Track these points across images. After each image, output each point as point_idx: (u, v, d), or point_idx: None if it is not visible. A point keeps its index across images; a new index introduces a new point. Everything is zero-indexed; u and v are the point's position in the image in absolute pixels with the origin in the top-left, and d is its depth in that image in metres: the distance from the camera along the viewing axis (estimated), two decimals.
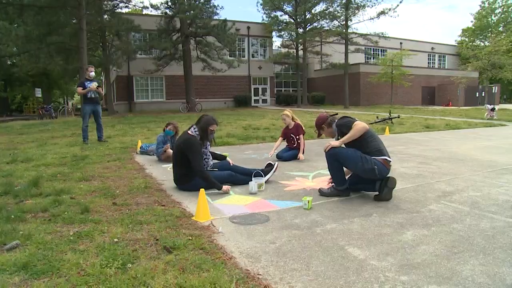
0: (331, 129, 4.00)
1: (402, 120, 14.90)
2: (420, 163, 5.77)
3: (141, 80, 29.48)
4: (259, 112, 23.11)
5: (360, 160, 3.59)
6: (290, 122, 6.17)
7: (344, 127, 3.75)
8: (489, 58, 32.95)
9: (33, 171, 5.17)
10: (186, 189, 4.15)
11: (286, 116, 6.19)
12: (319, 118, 4.10)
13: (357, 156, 3.61)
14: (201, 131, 4.28)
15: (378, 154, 3.62)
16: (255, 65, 34.16)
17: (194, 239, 2.68)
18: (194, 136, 4.22)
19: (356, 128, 3.65)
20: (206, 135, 4.33)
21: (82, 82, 8.60)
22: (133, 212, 3.30)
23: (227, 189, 4.05)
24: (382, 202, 3.62)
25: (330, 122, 4.00)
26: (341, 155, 3.68)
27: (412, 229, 2.89)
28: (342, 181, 3.82)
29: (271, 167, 4.69)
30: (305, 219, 3.17)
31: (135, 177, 4.88)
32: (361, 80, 33.26)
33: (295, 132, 6.20)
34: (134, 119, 17.45)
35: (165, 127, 6.52)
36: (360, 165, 3.60)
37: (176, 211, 3.36)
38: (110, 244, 2.58)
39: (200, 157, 4.12)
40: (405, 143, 8.24)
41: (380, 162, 3.59)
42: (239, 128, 12.18)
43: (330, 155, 3.75)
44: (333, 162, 3.76)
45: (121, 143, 8.47)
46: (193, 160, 4.05)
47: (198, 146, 4.17)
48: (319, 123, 4.07)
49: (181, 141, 4.22)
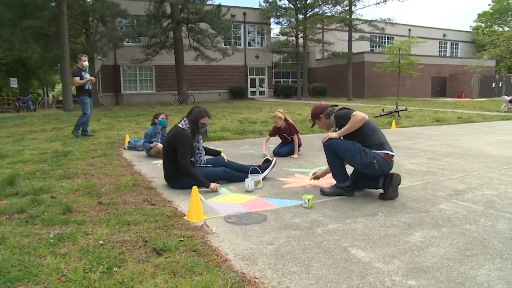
0: (329, 121, 3.98)
1: (410, 113, 14.93)
2: (430, 159, 5.78)
3: (129, 70, 29.36)
4: (256, 105, 23.09)
5: (359, 153, 3.58)
6: (282, 124, 6.19)
7: (343, 118, 3.75)
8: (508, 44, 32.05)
9: (8, 169, 5.12)
10: (178, 187, 4.14)
11: (278, 119, 6.19)
12: (317, 107, 4.05)
13: (355, 148, 3.60)
14: (192, 124, 4.27)
15: (378, 147, 3.61)
16: (252, 54, 34.08)
17: (186, 241, 2.67)
18: (184, 129, 4.21)
19: (354, 119, 3.64)
20: (197, 129, 4.32)
21: (78, 72, 8.57)
22: (120, 212, 3.29)
23: (215, 187, 4.04)
24: (388, 201, 3.63)
25: (329, 112, 3.95)
26: (339, 147, 3.68)
27: (420, 229, 2.89)
28: (343, 177, 3.81)
29: (269, 163, 4.69)
30: (305, 218, 3.17)
31: (122, 174, 4.87)
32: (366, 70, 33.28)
33: (288, 132, 6.25)
34: (121, 112, 17.38)
35: (155, 118, 6.49)
36: (359, 158, 3.59)
37: (167, 210, 3.35)
38: (95, 246, 2.57)
39: (187, 153, 4.11)
40: (413, 138, 8.26)
41: (381, 156, 3.58)
42: (234, 122, 12.15)
43: (328, 147, 3.76)
44: (331, 155, 3.76)
45: (107, 138, 8.43)
46: (180, 155, 4.05)
47: (188, 140, 4.16)
48: (317, 112, 4.01)
49: (171, 135, 4.21)
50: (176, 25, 24.02)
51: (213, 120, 12.82)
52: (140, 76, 29.83)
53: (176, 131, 4.20)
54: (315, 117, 4.04)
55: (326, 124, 4.02)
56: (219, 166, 4.47)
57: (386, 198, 3.64)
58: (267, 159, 4.84)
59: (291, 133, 6.21)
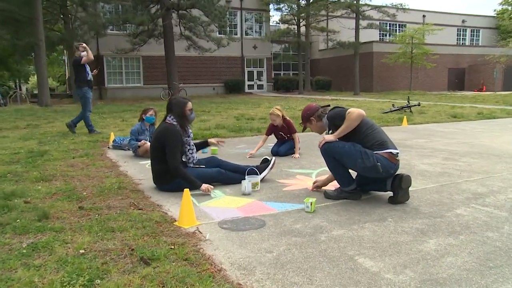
0: (321, 123, 3.97)
1: (423, 108, 14.96)
2: (445, 159, 5.79)
3: (113, 61, 29.31)
4: (254, 100, 23.09)
5: (360, 156, 3.56)
6: (280, 122, 6.21)
7: (337, 118, 3.72)
8: None
9: None
10: (168, 189, 4.15)
11: (276, 116, 6.20)
12: (308, 108, 4.05)
13: (356, 151, 3.58)
14: (179, 118, 4.27)
15: (380, 147, 3.60)
16: (249, 44, 34.08)
17: (176, 248, 2.67)
18: (173, 124, 4.22)
19: (350, 117, 3.61)
20: (187, 119, 4.33)
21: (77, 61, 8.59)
22: (104, 218, 3.29)
23: (206, 189, 4.04)
24: (398, 205, 3.63)
25: (320, 114, 3.95)
26: (337, 151, 3.66)
27: (435, 237, 2.89)
28: (347, 180, 3.81)
29: (267, 163, 4.70)
30: (308, 224, 3.17)
31: (106, 176, 4.86)
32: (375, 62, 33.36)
33: (286, 131, 6.27)
34: (105, 108, 17.36)
35: (143, 114, 6.48)
36: (360, 162, 3.57)
37: (156, 215, 3.35)
38: (75, 256, 2.56)
39: (177, 151, 4.13)
40: (427, 136, 8.27)
41: (384, 157, 3.56)
42: (230, 118, 12.15)
43: (325, 152, 3.75)
44: (330, 160, 3.76)
45: (89, 136, 8.42)
46: (169, 153, 4.06)
47: (178, 136, 4.17)
48: (307, 115, 4.00)
49: (159, 131, 4.22)
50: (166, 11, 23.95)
51: (207, 116, 12.83)
52: (126, 68, 29.79)
53: (164, 126, 4.20)
54: (306, 120, 4.04)
55: (319, 127, 4.03)
56: (213, 166, 4.47)
57: (396, 202, 3.65)
58: (265, 159, 4.84)
59: (290, 131, 6.23)
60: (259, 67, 35.31)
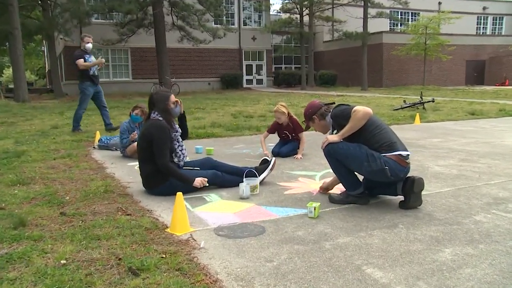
0: (324, 122, 3.99)
1: (438, 104, 14.98)
2: (462, 160, 5.80)
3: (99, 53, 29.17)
4: (253, 96, 23.10)
5: (366, 159, 3.55)
6: (285, 120, 6.21)
7: (342, 117, 3.71)
8: None
9: None
10: (159, 193, 4.15)
11: (281, 114, 6.18)
12: (310, 106, 4.07)
13: (361, 153, 3.57)
14: (163, 113, 4.27)
15: (388, 149, 3.58)
16: (248, 35, 34.10)
17: (168, 258, 2.67)
18: (159, 120, 4.23)
19: (355, 116, 3.58)
20: (171, 113, 4.35)
21: (81, 55, 8.58)
22: (88, 225, 3.28)
23: (200, 183, 4.07)
24: (410, 210, 3.63)
25: (324, 113, 3.96)
26: (341, 153, 3.65)
27: (451, 246, 2.88)
28: (353, 183, 3.80)
29: (267, 164, 4.70)
30: (311, 230, 3.18)
31: (91, 178, 4.86)
32: (384, 54, 33.41)
33: (291, 130, 6.26)
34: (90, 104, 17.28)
35: (131, 111, 6.48)
36: (366, 165, 3.56)
37: (146, 221, 3.35)
38: (55, 268, 2.54)
39: (166, 147, 4.15)
40: (442, 135, 8.28)
41: (393, 160, 3.54)
42: (227, 116, 12.15)
43: (328, 153, 3.75)
44: (334, 162, 3.77)
45: (72, 135, 8.42)
46: (157, 150, 4.07)
47: (166, 131, 4.19)
48: (309, 113, 4.03)
49: (145, 129, 4.21)
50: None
51: (201, 114, 12.83)
52: (113, 61, 29.79)
53: (150, 123, 4.21)
54: (308, 119, 4.07)
55: (322, 126, 4.04)
56: (208, 168, 4.47)
57: (408, 207, 3.65)
58: (264, 160, 4.85)
59: (296, 131, 6.21)
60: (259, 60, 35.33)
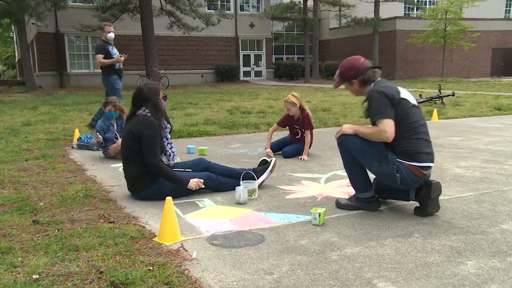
0: (363, 90, 3.74)
1: (459, 99, 15.00)
2: (486, 161, 5.80)
3: (77, 40, 29.24)
4: (251, 90, 23.10)
5: (378, 159, 3.56)
6: (296, 112, 6.18)
7: (372, 110, 3.63)
8: None
9: None
10: (146, 197, 4.16)
11: (291, 104, 6.15)
12: (353, 65, 3.74)
13: (374, 150, 3.58)
14: (154, 109, 4.28)
15: (408, 158, 3.53)
16: (245, 22, 34.10)
17: (156, 270, 2.67)
18: (149, 116, 4.24)
19: (377, 129, 3.52)
20: (161, 111, 4.39)
21: (102, 47, 8.59)
22: (66, 234, 3.27)
23: (196, 185, 4.08)
24: (427, 217, 3.63)
25: (367, 79, 3.68)
26: (352, 146, 3.66)
27: (474, 257, 2.87)
28: (363, 185, 3.79)
29: (266, 165, 4.71)
30: (315, 239, 3.18)
31: (69, 182, 4.86)
32: (398, 42, 33.39)
33: (301, 125, 6.23)
34: (67, 98, 17.32)
35: (104, 106, 6.51)
36: (376, 165, 3.58)
37: (131, 229, 3.35)
38: (26, 283, 2.53)
39: (157, 145, 4.18)
40: (463, 133, 8.28)
41: (408, 168, 3.52)
42: (222, 112, 12.16)
43: (341, 144, 3.77)
44: (346, 155, 3.76)
45: (47, 133, 8.41)
46: (148, 148, 4.08)
47: (157, 128, 4.21)
48: (350, 74, 3.71)
49: (133, 124, 4.20)
50: None
51: (193, 109, 12.84)
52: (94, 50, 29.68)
53: (139, 119, 4.21)
54: (345, 79, 3.77)
55: (358, 91, 3.81)
56: (202, 170, 4.48)
57: (425, 214, 3.65)
58: (264, 160, 4.85)
59: (305, 127, 6.20)
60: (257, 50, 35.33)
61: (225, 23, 29.85)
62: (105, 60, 8.51)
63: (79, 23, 24.77)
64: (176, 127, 9.00)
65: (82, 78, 28.62)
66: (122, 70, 8.89)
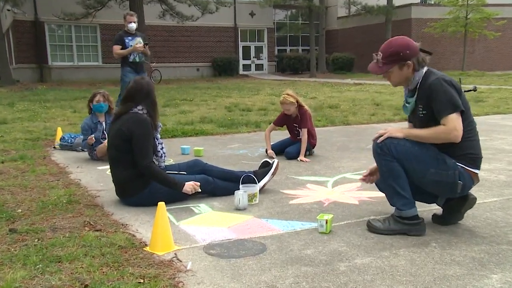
0: (412, 76, 3.44)
1: (481, 94, 14.97)
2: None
3: (59, 30, 29.23)
4: (251, 85, 23.10)
5: (435, 165, 3.31)
6: (294, 111, 6.21)
7: (440, 100, 3.25)
8: None
9: None
10: (136, 202, 4.16)
11: (290, 105, 6.18)
12: (407, 43, 3.43)
13: (429, 156, 3.32)
14: (151, 107, 4.31)
15: (471, 163, 3.36)
16: (245, 10, 34.12)
17: (147, 283, 2.67)
18: (142, 114, 4.25)
19: (444, 128, 3.23)
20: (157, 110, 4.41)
21: (119, 37, 8.64)
22: (47, 244, 3.26)
23: (192, 188, 4.09)
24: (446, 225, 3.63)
25: (421, 62, 3.40)
26: (404, 151, 3.32)
27: (500, 270, 2.86)
28: (409, 200, 3.43)
29: (268, 168, 4.72)
30: (322, 249, 3.18)
31: (51, 186, 4.86)
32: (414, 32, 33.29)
33: (300, 123, 6.25)
34: (49, 94, 17.32)
35: (90, 101, 6.42)
36: (432, 173, 3.32)
37: (120, 238, 3.34)
38: None
39: (150, 145, 4.20)
40: (486, 132, 8.23)
41: (470, 176, 3.37)
42: (219, 109, 12.17)
43: (382, 149, 3.38)
44: (388, 164, 3.39)
45: (26, 133, 8.41)
46: (140, 148, 4.09)
47: (151, 128, 4.23)
48: (407, 52, 3.37)
49: (123, 122, 4.20)
50: None
51: (188, 106, 12.85)
52: (78, 40, 29.72)
53: (130, 117, 4.21)
54: (398, 60, 3.39)
55: (405, 78, 3.47)
56: (197, 172, 4.48)
57: (445, 224, 3.63)
58: (265, 162, 4.85)
59: (304, 125, 6.21)
60: (258, 41, 35.34)
61: (223, 12, 29.84)
62: (120, 51, 8.55)
63: (61, 11, 24.71)
64: (169, 125, 9.02)
65: (65, 72, 28.61)
66: (139, 64, 8.75)
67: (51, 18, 27.40)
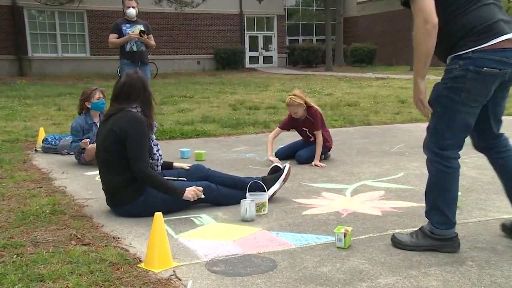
0: None
1: None
2: None
3: (41, 16, 29.34)
4: (259, 80, 23.13)
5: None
6: (302, 114, 6.19)
7: None
8: None
9: None
10: (130, 213, 4.17)
11: (297, 107, 6.16)
12: None
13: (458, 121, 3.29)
14: (147, 105, 4.34)
15: (478, 38, 3.14)
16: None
17: None
18: (136, 112, 4.27)
19: (415, 27, 3.15)
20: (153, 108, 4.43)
21: (117, 25, 8.61)
22: (27, 260, 3.26)
23: (193, 195, 4.09)
24: (483, 240, 3.61)
25: None
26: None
27: None
28: (447, 218, 3.35)
29: (279, 174, 4.71)
30: (340, 266, 3.17)
31: (32, 194, 4.86)
32: None
33: (311, 126, 6.22)
34: (29, 90, 17.39)
35: (85, 101, 6.39)
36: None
37: (111, 253, 3.35)
38: None
39: (146, 147, 4.21)
40: None
41: (484, 53, 3.16)
42: (223, 108, 12.20)
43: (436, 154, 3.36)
44: (438, 172, 3.34)
45: (3, 133, 8.45)
46: (135, 150, 4.10)
47: (147, 128, 4.25)
48: None
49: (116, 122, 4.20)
50: None
51: (188, 104, 12.87)
52: (62, 29, 29.79)
53: (123, 115, 4.21)
54: None
55: None
56: (199, 179, 4.49)
57: None
58: (276, 167, 4.84)
59: (316, 127, 6.19)
60: (267, 30, 35.38)
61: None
62: (114, 40, 8.49)
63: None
64: (166, 125, 9.04)
65: (48, 64, 28.64)
66: (137, 53, 8.58)
67: (31, 3, 27.45)
